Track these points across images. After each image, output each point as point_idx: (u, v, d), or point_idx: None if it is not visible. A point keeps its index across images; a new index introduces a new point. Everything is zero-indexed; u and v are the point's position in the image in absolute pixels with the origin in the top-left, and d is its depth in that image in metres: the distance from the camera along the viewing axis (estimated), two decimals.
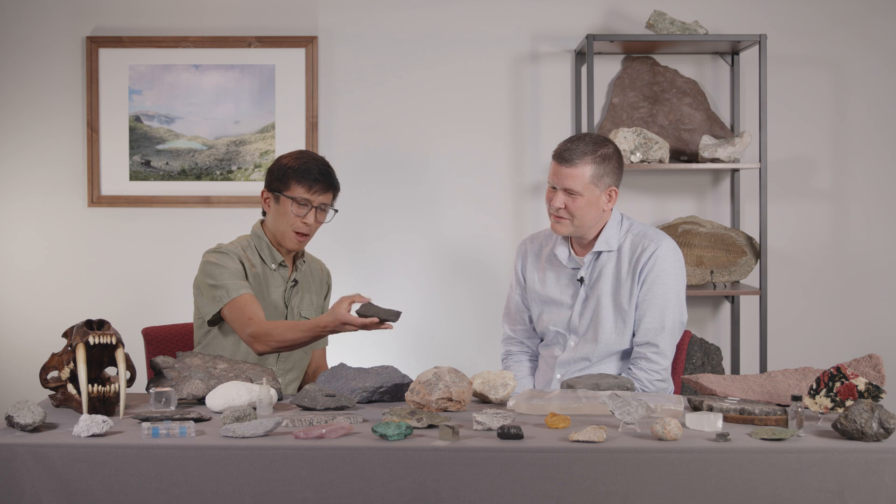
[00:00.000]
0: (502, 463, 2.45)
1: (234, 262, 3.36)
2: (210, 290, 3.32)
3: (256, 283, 3.41)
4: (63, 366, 2.87)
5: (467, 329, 4.75)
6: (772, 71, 4.68)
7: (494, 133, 4.74)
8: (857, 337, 4.73)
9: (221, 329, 3.42)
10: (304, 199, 3.36)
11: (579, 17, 4.72)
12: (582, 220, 3.27)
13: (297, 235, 3.40)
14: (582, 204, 3.25)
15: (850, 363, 2.87)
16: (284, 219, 3.38)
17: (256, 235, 3.47)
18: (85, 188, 4.71)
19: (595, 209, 3.27)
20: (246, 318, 3.23)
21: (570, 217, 3.27)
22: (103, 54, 4.67)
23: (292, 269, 3.49)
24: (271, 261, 3.44)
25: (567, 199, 3.25)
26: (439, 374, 2.83)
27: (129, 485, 2.46)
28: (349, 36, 4.73)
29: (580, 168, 3.23)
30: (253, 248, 3.45)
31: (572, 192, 3.24)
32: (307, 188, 3.36)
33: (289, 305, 3.46)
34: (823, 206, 4.77)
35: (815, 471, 2.43)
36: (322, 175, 3.38)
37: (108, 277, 4.72)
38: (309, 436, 2.52)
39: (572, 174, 3.24)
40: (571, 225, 3.28)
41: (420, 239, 4.75)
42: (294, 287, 3.48)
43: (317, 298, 3.57)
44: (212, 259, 3.37)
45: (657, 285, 3.27)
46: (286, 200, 3.37)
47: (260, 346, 3.21)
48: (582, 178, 3.23)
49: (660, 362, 3.27)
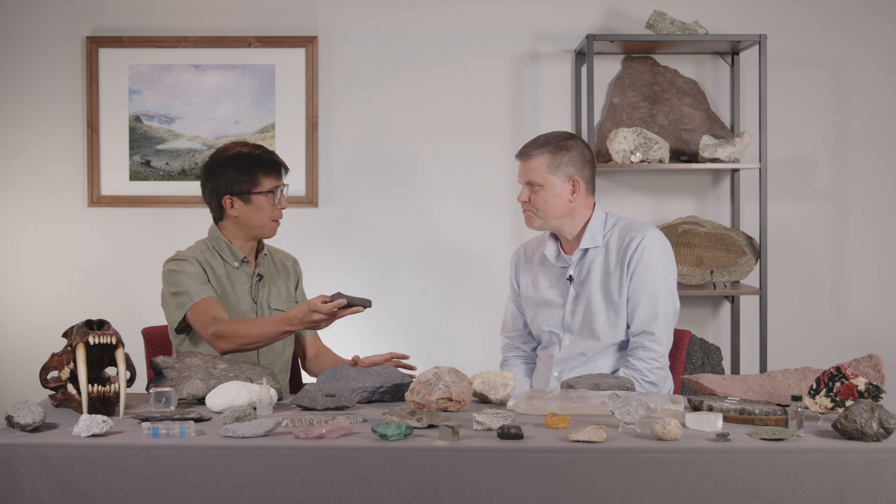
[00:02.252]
0: (502, 463, 2.45)
1: (194, 266, 3.35)
2: (173, 298, 3.32)
3: (220, 284, 3.39)
4: (63, 366, 2.87)
5: (467, 329, 4.75)
6: (772, 71, 4.68)
7: (494, 133, 4.74)
8: (857, 337, 4.73)
9: (191, 338, 3.38)
10: (276, 185, 3.39)
11: (579, 17, 4.72)
12: (546, 212, 3.33)
13: (276, 222, 3.42)
14: (544, 196, 3.32)
15: (850, 363, 2.87)
16: (261, 213, 3.38)
17: (214, 237, 3.45)
18: (85, 188, 4.71)
19: (559, 200, 3.33)
20: (209, 319, 3.22)
21: (535, 210, 3.34)
22: (103, 54, 4.67)
23: (255, 265, 3.48)
24: (233, 259, 3.42)
25: (530, 193, 3.34)
26: (439, 374, 2.83)
27: (129, 485, 2.46)
28: (349, 36, 4.73)
29: (537, 159, 3.34)
30: (212, 249, 3.43)
31: (532, 183, 3.33)
32: (277, 176, 3.39)
33: (257, 301, 3.46)
34: (823, 206, 4.77)
35: (815, 471, 2.43)
36: (278, 158, 3.43)
37: (107, 277, 4.72)
38: (309, 436, 2.52)
39: (529, 166, 3.35)
40: (538, 218, 3.36)
41: (420, 239, 4.75)
42: (259, 282, 3.47)
43: (285, 289, 3.53)
44: (171, 267, 3.36)
45: (647, 275, 3.30)
46: (259, 197, 3.37)
47: (224, 343, 3.18)
48: (539, 168, 3.33)
49: (657, 349, 3.29)
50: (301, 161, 4.65)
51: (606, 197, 4.67)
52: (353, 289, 4.53)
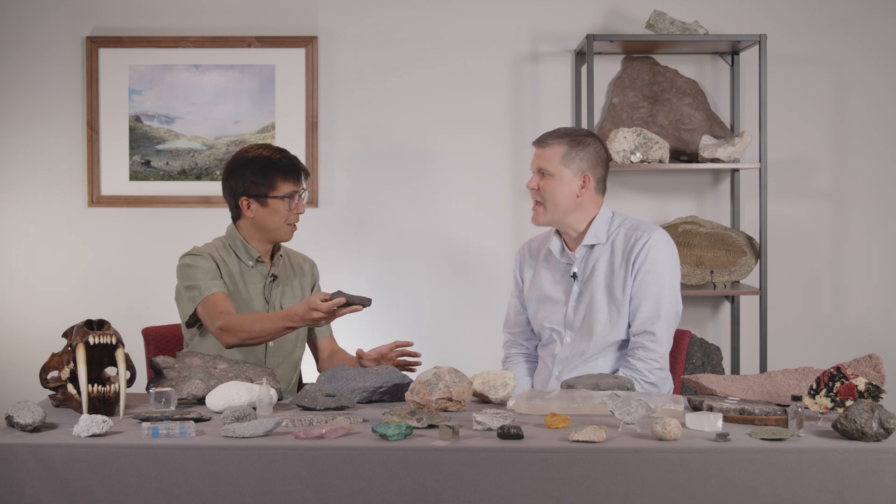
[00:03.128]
0: (502, 463, 2.45)
1: (208, 261, 3.39)
2: (186, 292, 3.35)
3: (233, 282, 3.42)
4: (63, 366, 2.87)
5: (468, 329, 4.75)
6: (772, 71, 4.67)
7: (494, 133, 4.74)
8: (857, 337, 4.73)
9: (201, 332, 3.41)
10: (293, 191, 3.40)
11: (579, 17, 4.72)
12: (554, 204, 3.33)
13: (292, 226, 3.44)
14: (553, 185, 3.33)
15: (850, 363, 2.87)
16: (276, 216, 3.40)
17: (231, 236, 3.48)
18: (85, 188, 4.71)
19: (567, 193, 3.33)
20: (217, 313, 3.25)
21: (543, 201, 3.34)
22: (103, 54, 4.67)
23: (270, 265, 3.50)
24: (248, 258, 3.45)
25: (540, 180, 3.35)
26: (439, 374, 2.83)
27: (129, 485, 2.46)
28: (349, 36, 4.73)
29: (553, 148, 3.35)
30: (228, 247, 3.47)
31: (544, 171, 3.34)
32: (294, 181, 3.40)
33: (269, 301, 3.47)
34: (823, 206, 4.77)
35: (815, 471, 2.43)
36: (299, 164, 3.44)
37: (108, 277, 4.72)
38: (309, 436, 2.52)
39: (544, 154, 3.36)
40: (545, 211, 3.35)
41: (420, 238, 4.75)
42: (273, 282, 3.49)
43: (300, 290, 3.55)
44: (186, 262, 3.40)
45: (651, 275, 3.29)
46: (275, 201, 3.38)
47: (228, 337, 3.20)
48: (553, 158, 3.34)
49: (657, 350, 3.28)
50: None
51: (607, 197, 4.66)
52: (353, 289, 4.53)
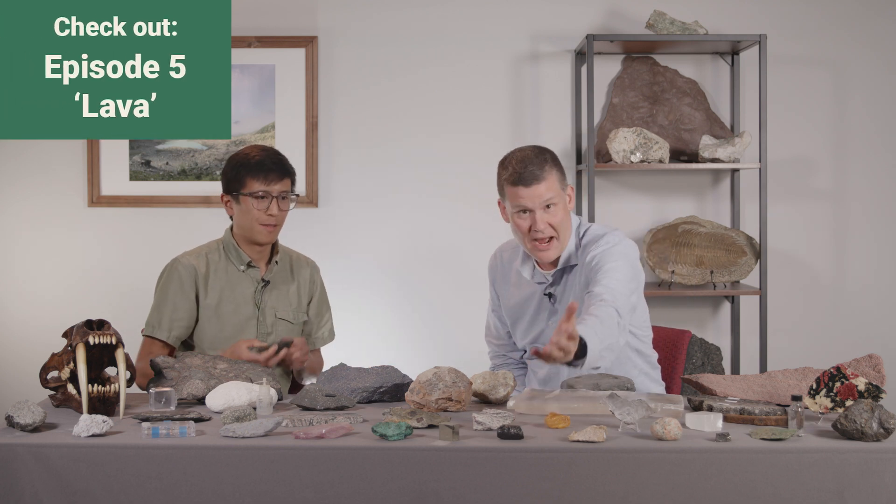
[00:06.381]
0: (502, 463, 2.45)
1: (183, 277, 3.43)
2: (152, 309, 3.45)
3: (219, 289, 3.43)
4: (63, 366, 2.87)
5: (467, 329, 4.75)
6: (772, 71, 4.67)
7: (494, 133, 4.73)
8: (857, 337, 4.73)
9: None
10: (263, 191, 3.37)
11: (579, 17, 4.72)
12: (564, 232, 3.15)
13: (266, 227, 3.40)
14: (561, 213, 3.12)
15: (850, 363, 2.87)
16: (248, 215, 3.39)
17: (225, 239, 3.49)
18: (85, 188, 4.71)
19: (567, 214, 3.16)
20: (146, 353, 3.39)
21: (558, 233, 3.12)
22: None
23: (265, 269, 3.49)
24: (239, 262, 3.45)
25: (547, 216, 3.10)
26: (439, 374, 2.83)
27: (129, 485, 2.46)
28: (349, 36, 4.73)
29: (551, 175, 3.10)
30: (221, 251, 3.48)
31: (550, 203, 3.10)
32: (263, 180, 3.38)
33: (260, 306, 3.46)
34: (823, 206, 4.77)
35: (815, 471, 2.44)
36: (275, 164, 3.40)
37: (108, 277, 4.72)
38: (309, 436, 2.52)
39: (545, 188, 3.09)
40: (559, 241, 3.14)
41: (420, 238, 4.75)
42: (265, 287, 3.48)
43: (296, 299, 3.53)
44: (165, 277, 3.46)
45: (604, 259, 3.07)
46: (245, 198, 3.38)
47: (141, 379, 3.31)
48: (553, 184, 3.10)
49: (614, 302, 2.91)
50: (301, 161, 4.65)
51: (606, 197, 4.68)
52: (353, 289, 4.53)
